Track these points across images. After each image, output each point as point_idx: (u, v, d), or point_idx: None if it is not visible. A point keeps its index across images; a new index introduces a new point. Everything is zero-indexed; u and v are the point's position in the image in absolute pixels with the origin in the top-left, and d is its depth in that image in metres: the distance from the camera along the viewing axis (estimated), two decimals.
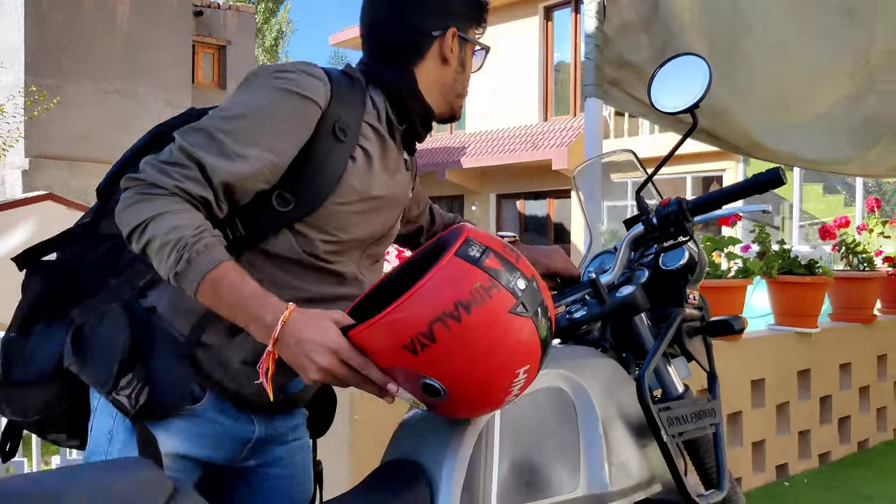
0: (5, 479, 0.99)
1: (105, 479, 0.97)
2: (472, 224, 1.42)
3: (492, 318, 1.09)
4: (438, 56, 1.41)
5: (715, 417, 1.62)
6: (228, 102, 1.27)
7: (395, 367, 1.11)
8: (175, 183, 1.17)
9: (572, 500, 1.34)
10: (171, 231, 1.13)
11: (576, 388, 1.41)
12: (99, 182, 1.43)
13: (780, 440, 3.98)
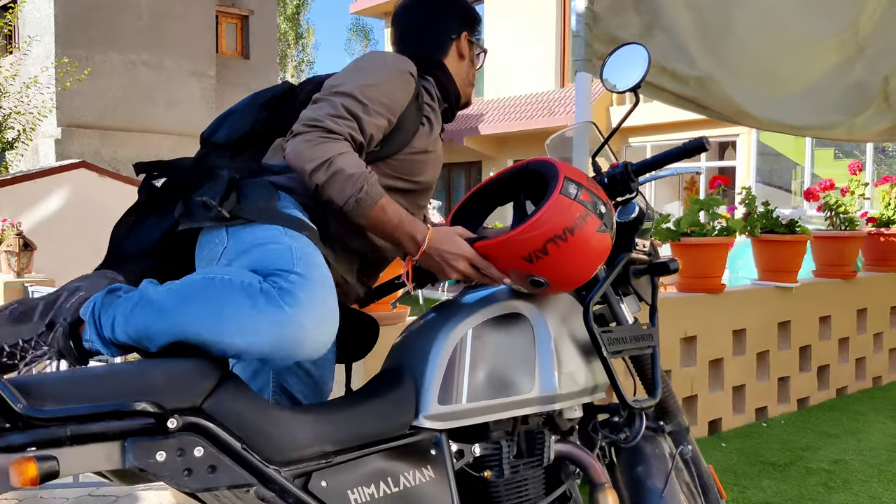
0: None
1: (171, 364, 1.32)
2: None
3: (587, 236, 1.59)
4: (457, 53, 1.91)
5: (652, 341, 1.95)
6: (364, 73, 1.67)
7: (511, 269, 1.61)
8: (348, 131, 1.56)
9: (527, 399, 1.69)
10: (354, 166, 1.52)
11: (534, 316, 1.76)
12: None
13: (760, 385, 4.32)
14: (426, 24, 1.91)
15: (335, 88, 1.63)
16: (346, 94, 1.61)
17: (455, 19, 1.93)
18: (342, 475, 1.40)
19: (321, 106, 1.60)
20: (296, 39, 32.42)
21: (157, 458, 1.20)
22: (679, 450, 2.10)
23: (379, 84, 1.66)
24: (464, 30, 1.93)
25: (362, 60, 1.74)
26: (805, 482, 3.38)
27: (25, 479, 1.07)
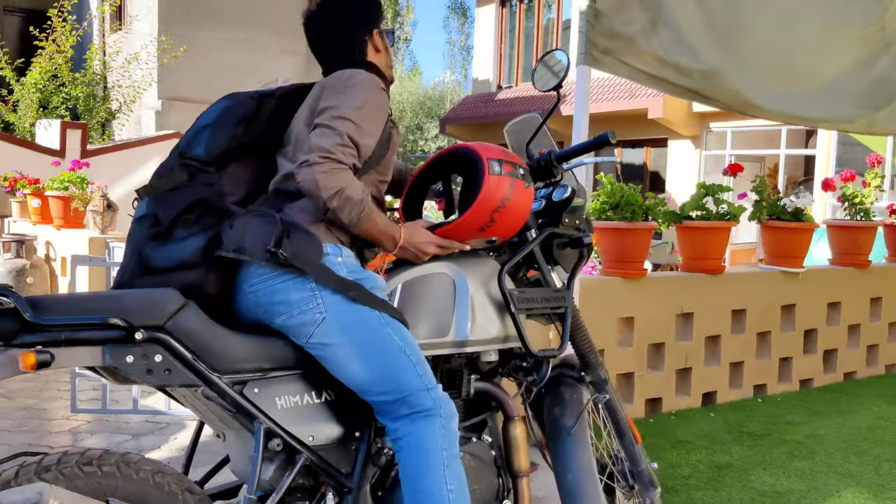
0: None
1: (142, 293, 1.78)
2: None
3: (519, 196, 2.02)
4: (374, 49, 2.14)
5: (564, 302, 2.31)
6: (355, 95, 1.92)
7: (468, 239, 2.07)
8: (352, 161, 1.86)
9: (442, 342, 2.09)
10: (358, 192, 1.84)
11: (457, 275, 2.15)
12: None
13: (760, 363, 4.57)
14: (339, 35, 2.11)
15: (336, 114, 1.88)
16: (347, 119, 1.87)
17: (362, 21, 2.12)
18: (272, 386, 1.84)
19: (329, 135, 1.85)
20: (394, 16, 32.95)
21: (127, 360, 1.67)
22: (594, 397, 2.46)
23: (366, 104, 1.92)
24: (373, 27, 2.12)
25: (350, 81, 1.96)
26: (773, 451, 3.66)
27: (26, 365, 1.55)
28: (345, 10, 2.12)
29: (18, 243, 6.36)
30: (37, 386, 4.82)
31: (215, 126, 1.95)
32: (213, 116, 1.97)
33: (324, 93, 1.97)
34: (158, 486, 1.69)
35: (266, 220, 1.83)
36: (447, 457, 1.86)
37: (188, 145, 1.93)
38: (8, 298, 1.57)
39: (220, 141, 1.93)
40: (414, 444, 1.85)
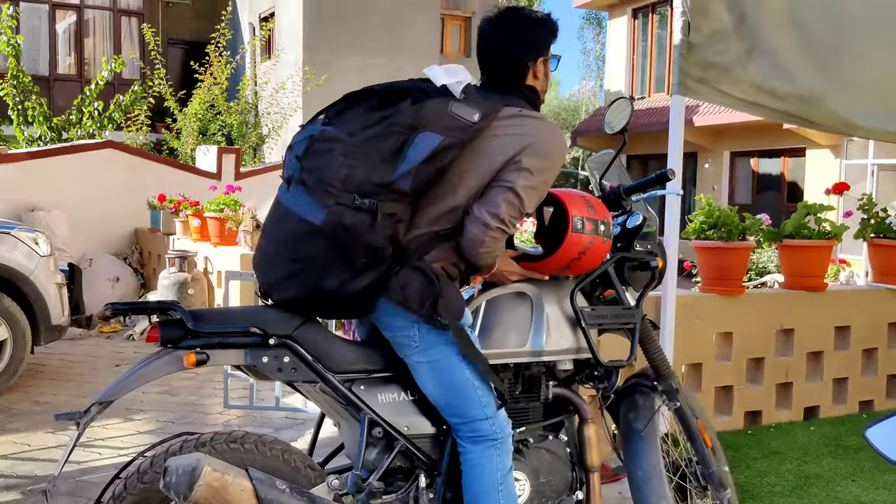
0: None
1: (275, 310, 2.24)
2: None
3: (595, 250, 2.34)
4: (533, 75, 2.35)
5: (633, 318, 2.61)
6: (550, 172, 2.21)
7: (548, 273, 2.44)
8: (514, 229, 2.22)
9: (521, 352, 2.45)
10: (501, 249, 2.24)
11: (535, 295, 2.51)
12: None
13: (865, 380, 4.62)
14: (505, 59, 2.32)
15: (529, 183, 2.15)
16: (535, 190, 2.17)
17: (529, 50, 2.32)
18: (375, 384, 2.27)
19: (513, 204, 2.14)
20: None
21: (263, 360, 2.13)
22: (665, 403, 2.74)
23: (552, 176, 2.23)
24: (538, 56, 2.33)
25: (555, 146, 2.23)
26: (865, 463, 3.77)
27: (189, 363, 2.05)
28: (516, 38, 2.32)
29: (181, 259, 7.20)
30: (196, 384, 5.52)
31: (425, 166, 2.04)
32: (423, 154, 2.04)
33: (528, 147, 2.16)
34: (286, 461, 2.14)
35: (426, 279, 2.13)
36: (500, 475, 2.22)
37: (399, 178, 2.02)
38: (176, 311, 2.07)
39: (424, 182, 2.07)
40: (474, 462, 2.23)
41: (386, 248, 2.06)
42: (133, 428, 4.54)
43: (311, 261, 2.06)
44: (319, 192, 2.02)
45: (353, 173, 2.00)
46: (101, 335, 7.58)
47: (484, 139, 2.14)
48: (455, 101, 2.12)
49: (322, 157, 2.04)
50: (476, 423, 2.21)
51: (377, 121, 2.08)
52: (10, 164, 8.72)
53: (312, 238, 2.04)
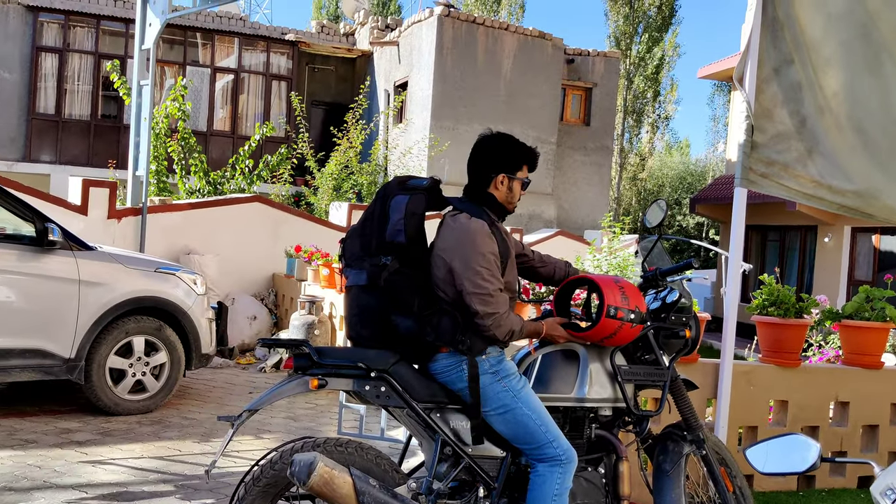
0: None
1: (377, 351, 3.00)
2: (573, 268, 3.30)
3: (624, 332, 3.04)
4: (495, 187, 3.00)
5: (663, 377, 3.21)
6: (478, 257, 2.86)
7: (590, 342, 3.13)
8: (507, 304, 2.90)
9: (567, 398, 3.10)
10: (518, 324, 2.90)
11: (582, 352, 3.16)
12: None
13: None
14: (473, 168, 3.01)
15: (475, 279, 2.82)
16: (481, 276, 2.81)
17: (490, 164, 2.97)
18: (447, 413, 2.97)
19: (485, 300, 2.81)
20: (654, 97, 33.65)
21: (366, 388, 2.89)
22: (692, 449, 3.31)
23: (486, 255, 2.85)
24: (503, 171, 2.96)
25: (467, 239, 2.86)
26: None
27: (313, 385, 2.83)
28: (489, 152, 3.01)
29: (311, 303, 8.16)
30: (315, 413, 6.38)
31: (408, 219, 2.86)
32: (401, 210, 2.88)
33: (453, 252, 2.86)
34: (378, 465, 2.87)
35: (450, 317, 2.87)
36: (557, 490, 2.87)
37: (392, 235, 2.87)
38: (305, 347, 2.86)
39: (413, 230, 2.87)
40: (539, 475, 2.89)
41: (419, 290, 2.85)
42: (262, 445, 5.40)
43: (367, 309, 2.88)
44: (357, 263, 2.91)
45: (370, 242, 2.89)
46: (238, 366, 8.62)
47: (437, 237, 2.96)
48: (412, 180, 2.96)
49: (352, 240, 2.97)
50: (542, 448, 2.88)
51: (371, 206, 2.97)
52: (174, 212, 10.04)
53: (365, 295, 2.88)
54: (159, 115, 11.88)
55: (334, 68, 19.64)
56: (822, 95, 4.61)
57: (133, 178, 9.69)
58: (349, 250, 2.96)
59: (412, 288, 2.87)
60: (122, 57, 16.38)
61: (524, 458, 2.97)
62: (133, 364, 6.09)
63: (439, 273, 2.92)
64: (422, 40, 16.42)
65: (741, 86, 4.58)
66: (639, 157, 33.97)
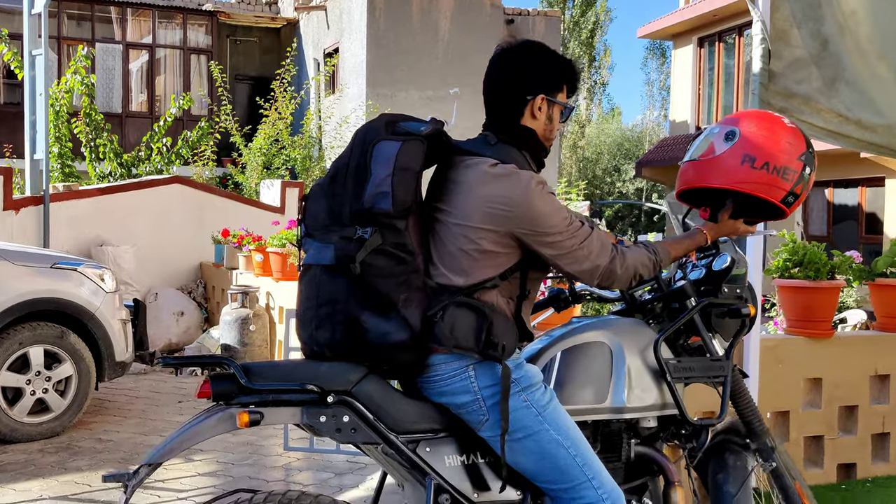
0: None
1: (332, 364, 2.08)
2: None
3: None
4: (531, 114, 2.11)
5: (722, 371, 2.39)
6: (552, 216, 2.01)
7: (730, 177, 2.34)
8: (607, 246, 2.09)
9: (600, 409, 2.25)
10: (640, 258, 2.15)
11: (614, 344, 2.31)
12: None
13: None
14: (504, 88, 2.10)
15: (558, 238, 2.02)
16: (565, 232, 2.02)
17: (533, 84, 2.09)
18: (442, 445, 2.09)
19: (583, 257, 2.05)
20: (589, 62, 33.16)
21: (321, 419, 1.98)
22: (760, 465, 2.50)
23: (556, 210, 2.03)
24: (542, 91, 2.10)
25: (535, 202, 2.00)
26: None
27: (242, 423, 1.91)
28: (521, 69, 2.10)
29: (244, 294, 7.17)
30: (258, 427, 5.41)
31: (398, 176, 1.93)
32: (388, 164, 1.93)
33: (505, 223, 2.01)
34: None
35: (474, 313, 1.99)
36: None
37: (373, 199, 1.92)
38: (229, 367, 1.93)
39: (406, 194, 1.93)
40: None
41: (408, 280, 1.96)
42: (193, 469, 4.45)
43: (335, 302, 1.97)
44: (322, 234, 1.99)
45: (343, 209, 1.97)
46: (165, 371, 7.59)
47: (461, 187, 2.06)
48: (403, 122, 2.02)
49: (316, 201, 2.04)
50: (576, 489, 2.02)
51: (345, 153, 2.03)
52: (82, 199, 8.89)
53: (331, 280, 1.97)
54: (59, 91, 10.61)
55: (258, 40, 18.37)
56: (841, 12, 3.87)
57: (31, 163, 8.46)
58: (311, 215, 2.05)
59: (399, 275, 1.96)
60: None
61: (549, 501, 2.12)
62: (31, 380, 5.07)
63: (461, 248, 2.04)
64: (352, 3, 15.41)
65: (753, 3, 3.77)
66: (577, 124, 33.42)
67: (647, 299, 2.53)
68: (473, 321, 1.99)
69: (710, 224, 2.34)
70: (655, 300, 2.51)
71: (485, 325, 1.97)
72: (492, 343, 1.96)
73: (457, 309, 1.99)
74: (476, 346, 1.98)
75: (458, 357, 2.01)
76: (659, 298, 2.50)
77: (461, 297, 2.00)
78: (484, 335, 1.96)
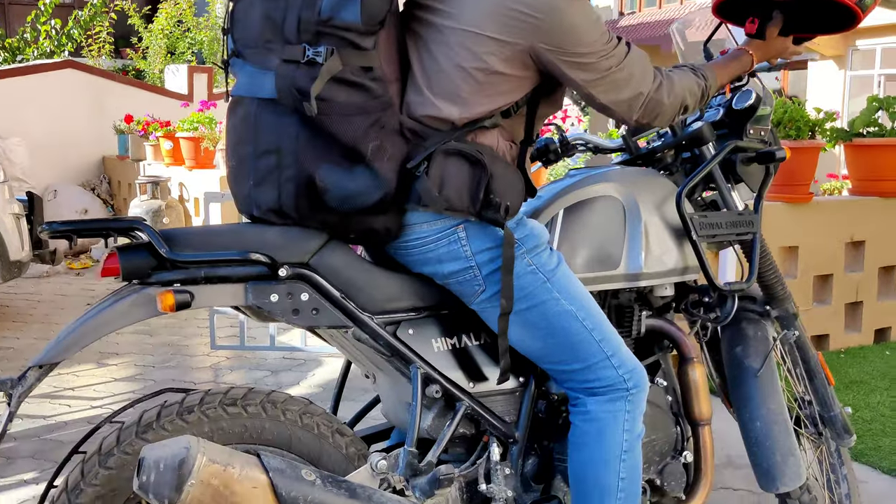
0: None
1: (283, 228, 1.59)
2: None
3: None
4: None
5: (752, 227, 2.01)
6: (593, 19, 1.53)
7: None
8: (649, 69, 1.61)
9: (612, 276, 1.84)
10: (681, 83, 1.66)
11: (628, 199, 1.89)
12: None
13: None
14: None
15: (593, 59, 1.52)
16: (601, 52, 1.53)
17: None
18: (427, 326, 1.65)
19: (620, 83, 1.56)
20: None
21: (272, 298, 1.51)
22: (783, 334, 2.16)
23: (590, 19, 1.54)
24: None
25: (569, 8, 1.49)
26: None
27: (165, 307, 1.41)
28: None
29: (153, 185, 6.48)
30: (178, 323, 4.90)
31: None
32: None
33: (545, 22, 1.47)
34: (307, 427, 1.54)
35: (469, 162, 1.51)
36: (627, 440, 1.62)
37: (334, 6, 1.39)
38: (143, 231, 1.42)
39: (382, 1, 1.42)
40: (590, 422, 1.62)
41: (379, 120, 1.46)
42: (108, 374, 3.94)
43: (280, 153, 1.46)
44: (257, 54, 1.46)
45: (288, 18, 1.42)
46: (71, 272, 6.93)
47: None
48: None
49: (249, 5, 1.47)
50: (594, 369, 1.61)
51: None
52: None
53: (273, 120, 1.46)
54: None
55: None
56: None
57: None
58: (242, 26, 1.48)
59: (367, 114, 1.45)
60: None
61: (556, 385, 1.73)
62: None
63: (460, 65, 1.51)
64: None
65: None
66: None
67: (657, 146, 2.10)
68: (468, 174, 1.51)
69: (757, 42, 1.88)
70: (667, 147, 2.08)
71: (483, 178, 1.50)
72: (492, 202, 1.50)
73: (446, 158, 1.50)
74: (472, 206, 1.51)
75: (441, 216, 1.54)
76: (671, 145, 2.07)
77: (451, 142, 1.51)
78: (482, 192, 1.50)
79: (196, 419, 1.47)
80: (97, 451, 1.43)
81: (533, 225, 1.61)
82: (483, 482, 1.65)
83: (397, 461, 1.56)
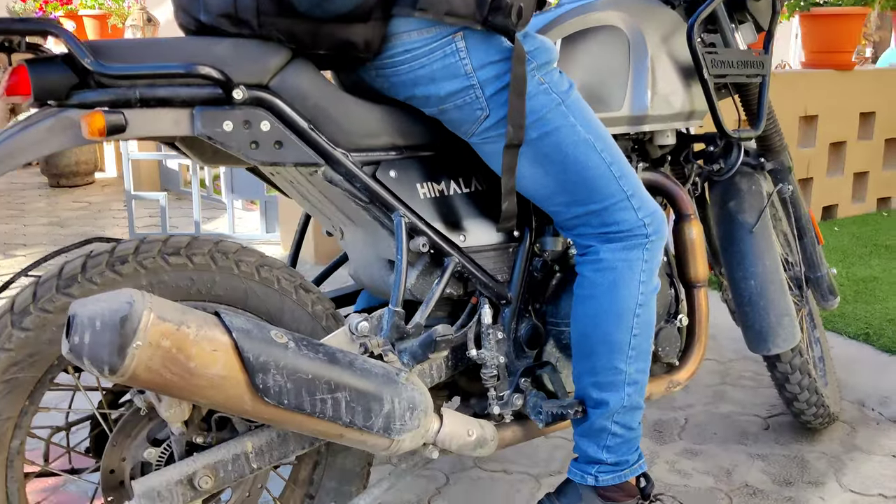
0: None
1: (238, 41, 1.28)
2: None
3: None
4: None
5: (762, 69, 1.81)
6: None
7: None
8: None
9: (614, 118, 1.62)
10: None
11: (632, 30, 1.65)
12: None
13: (886, 175, 4.08)
14: None
15: None
16: None
17: None
18: (412, 169, 1.41)
19: None
20: None
21: (225, 127, 1.22)
22: (778, 188, 2.01)
23: None
24: None
25: None
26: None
27: (93, 131, 1.12)
28: None
29: None
30: (90, 213, 4.50)
31: None
32: None
33: None
34: (265, 281, 1.30)
35: None
36: (643, 293, 1.43)
37: None
38: (59, 36, 1.11)
39: None
40: (603, 272, 1.42)
41: None
42: (14, 266, 3.56)
43: None
44: None
45: None
46: None
47: None
48: None
49: None
50: (612, 211, 1.39)
51: None
52: None
53: None
54: None
55: None
56: None
57: None
58: None
59: None
60: None
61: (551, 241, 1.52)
62: None
63: None
64: None
65: None
66: None
67: None
68: None
69: None
70: None
71: None
72: (501, 5, 1.23)
73: None
74: (479, 9, 1.24)
75: (436, 22, 1.27)
76: None
77: None
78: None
79: (131, 271, 1.20)
80: (9, 310, 1.16)
81: (540, 38, 1.36)
82: (473, 347, 1.44)
83: (380, 323, 1.33)
